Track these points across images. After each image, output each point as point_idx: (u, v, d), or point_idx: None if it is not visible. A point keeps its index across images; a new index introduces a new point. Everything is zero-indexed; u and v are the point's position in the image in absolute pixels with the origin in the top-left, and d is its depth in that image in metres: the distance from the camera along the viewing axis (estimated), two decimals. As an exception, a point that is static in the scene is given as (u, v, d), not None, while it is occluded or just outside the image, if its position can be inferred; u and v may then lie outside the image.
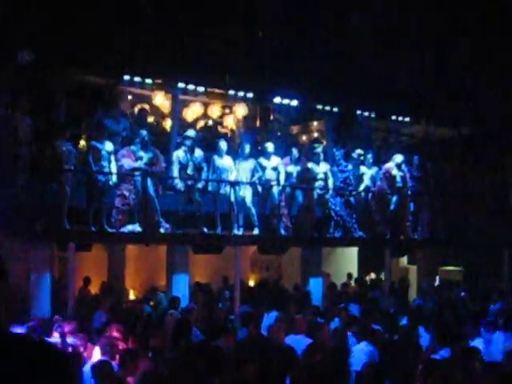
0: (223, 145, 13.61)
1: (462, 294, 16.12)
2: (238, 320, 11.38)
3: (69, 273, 11.83)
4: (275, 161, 14.21)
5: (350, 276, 18.41)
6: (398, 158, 15.66)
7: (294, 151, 14.92)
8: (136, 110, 15.46)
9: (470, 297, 14.97)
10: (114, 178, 11.99)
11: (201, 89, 14.77)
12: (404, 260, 19.40)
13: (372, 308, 12.01)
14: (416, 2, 18.13)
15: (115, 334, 8.66)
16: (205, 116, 16.86)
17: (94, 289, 15.00)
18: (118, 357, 7.55)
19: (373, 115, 17.40)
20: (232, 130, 17.26)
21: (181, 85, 14.33)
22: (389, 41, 16.38)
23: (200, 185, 13.21)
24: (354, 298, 14.47)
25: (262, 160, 14.13)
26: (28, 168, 11.09)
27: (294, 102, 15.92)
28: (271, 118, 18.31)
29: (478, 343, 8.93)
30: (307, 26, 16.25)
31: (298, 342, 8.31)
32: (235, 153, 14.18)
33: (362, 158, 15.51)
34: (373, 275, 19.28)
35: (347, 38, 16.15)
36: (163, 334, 8.88)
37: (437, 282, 18.68)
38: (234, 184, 13.46)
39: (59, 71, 12.47)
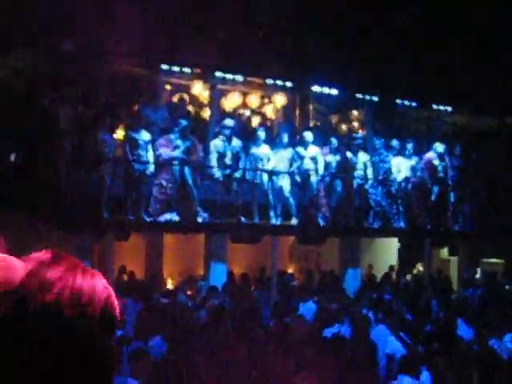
0: (261, 134, 13.56)
1: (507, 287, 15.78)
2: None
3: (107, 261, 11.94)
4: (313, 150, 14.09)
5: (392, 268, 18.15)
6: (439, 147, 15.40)
7: (334, 141, 14.79)
8: (175, 99, 15.48)
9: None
10: (152, 168, 12.04)
11: (239, 78, 14.73)
12: (445, 251, 19.10)
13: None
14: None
15: None
16: (243, 105, 16.80)
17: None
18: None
19: (414, 104, 17.14)
20: (271, 120, 17.17)
21: (219, 74, 14.30)
22: (430, 29, 16.02)
23: (238, 174, 13.18)
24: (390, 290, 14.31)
25: (300, 149, 14.02)
26: (69, 158, 11.19)
27: (334, 91, 15.77)
28: (310, 107, 18.15)
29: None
30: (345, 14, 16.03)
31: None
32: (273, 142, 14.11)
33: (401, 147, 15.28)
34: (420, 268, 18.92)
35: (387, 26, 15.86)
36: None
37: (478, 275, 18.35)
38: (272, 173, 13.40)
39: (102, 61, 12.57)
